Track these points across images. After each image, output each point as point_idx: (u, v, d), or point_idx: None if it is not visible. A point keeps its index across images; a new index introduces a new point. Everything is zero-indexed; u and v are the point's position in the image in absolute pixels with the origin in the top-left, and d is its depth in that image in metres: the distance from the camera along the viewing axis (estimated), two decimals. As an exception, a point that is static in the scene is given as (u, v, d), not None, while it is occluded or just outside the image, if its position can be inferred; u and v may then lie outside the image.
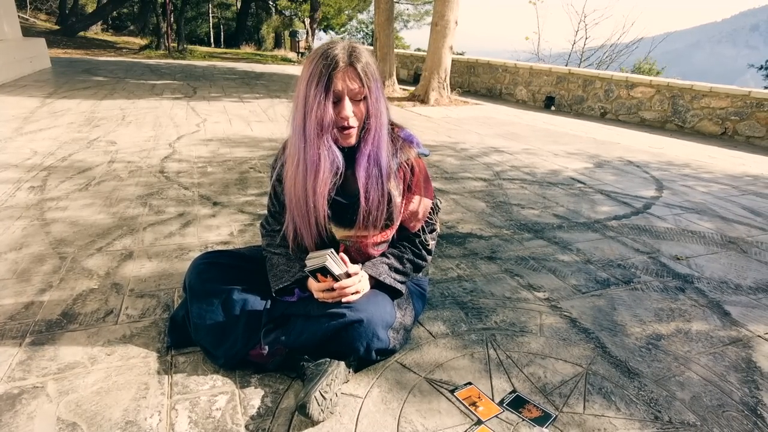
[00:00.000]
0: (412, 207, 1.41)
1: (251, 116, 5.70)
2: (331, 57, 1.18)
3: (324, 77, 1.18)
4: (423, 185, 1.42)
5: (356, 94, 1.22)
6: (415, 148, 1.40)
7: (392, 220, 1.38)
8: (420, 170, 1.40)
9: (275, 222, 1.47)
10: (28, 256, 2.01)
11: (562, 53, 14.46)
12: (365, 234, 1.36)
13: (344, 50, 1.20)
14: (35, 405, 1.22)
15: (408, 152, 1.37)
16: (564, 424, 1.24)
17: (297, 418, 1.21)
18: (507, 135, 5.44)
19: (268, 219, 1.50)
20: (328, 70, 1.18)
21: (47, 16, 23.65)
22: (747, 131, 6.01)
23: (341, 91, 1.20)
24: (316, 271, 1.26)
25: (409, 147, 1.38)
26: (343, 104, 1.21)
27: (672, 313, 1.82)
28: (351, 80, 1.20)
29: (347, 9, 21.30)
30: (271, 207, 1.48)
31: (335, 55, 1.18)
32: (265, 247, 1.49)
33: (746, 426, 1.27)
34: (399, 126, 1.40)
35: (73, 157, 3.54)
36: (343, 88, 1.20)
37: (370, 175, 1.29)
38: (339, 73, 1.18)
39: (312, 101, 1.19)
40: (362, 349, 1.31)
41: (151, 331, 1.54)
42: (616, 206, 3.07)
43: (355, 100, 1.23)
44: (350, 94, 1.21)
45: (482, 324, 1.67)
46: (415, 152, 1.39)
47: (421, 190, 1.41)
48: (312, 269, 1.25)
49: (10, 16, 9.08)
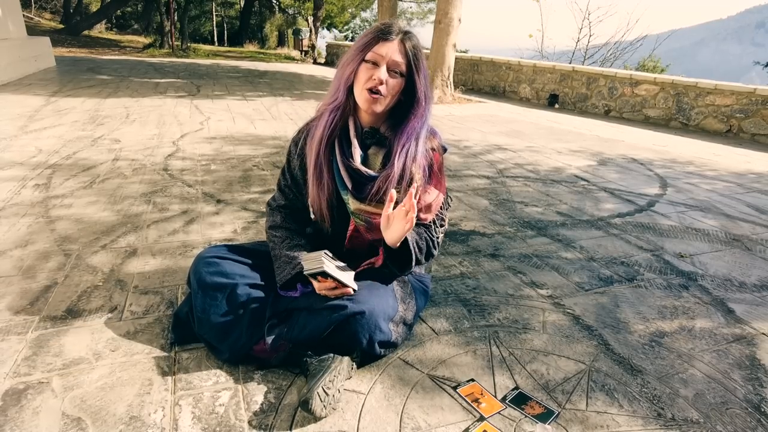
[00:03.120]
0: (428, 198, 1.43)
1: (255, 114, 5.71)
2: (386, 27, 1.28)
3: (370, 39, 1.27)
4: (440, 178, 1.45)
5: (396, 65, 1.28)
6: (438, 140, 1.45)
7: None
8: (439, 163, 1.45)
9: (282, 197, 1.52)
10: (34, 253, 2.02)
11: (566, 51, 14.40)
12: (377, 211, 1.37)
13: (399, 27, 1.29)
14: (40, 400, 1.22)
15: (433, 141, 1.43)
16: (567, 421, 1.24)
17: (300, 413, 1.21)
18: (510, 133, 5.42)
19: (276, 195, 1.55)
20: (378, 33, 1.27)
21: (51, 15, 23.74)
22: (752, 129, 5.97)
23: (382, 57, 1.26)
24: (317, 275, 1.28)
25: (434, 137, 1.44)
26: (380, 68, 1.27)
27: (675, 311, 1.81)
28: (395, 51, 1.27)
29: (350, 7, 21.30)
30: (281, 180, 1.53)
31: (390, 26, 1.28)
32: (267, 228, 1.52)
33: (750, 423, 1.26)
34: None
35: (78, 155, 3.55)
36: (385, 54, 1.26)
37: (406, 144, 1.34)
38: (388, 42, 1.26)
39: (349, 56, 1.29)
40: (365, 341, 1.31)
41: (155, 328, 1.55)
42: (619, 204, 3.06)
43: (393, 71, 1.28)
44: (390, 63, 1.27)
45: (485, 321, 1.67)
46: (438, 144, 1.44)
47: (437, 183, 1.44)
48: (311, 273, 1.27)
49: (14, 15, 9.12)
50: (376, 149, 1.39)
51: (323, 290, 1.33)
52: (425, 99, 1.33)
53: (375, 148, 1.40)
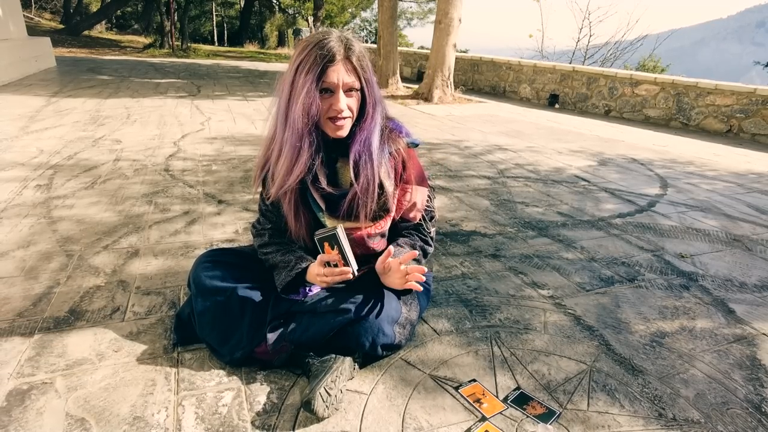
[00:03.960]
0: (410, 198, 1.42)
1: (255, 115, 5.71)
2: (327, 48, 1.19)
3: (317, 67, 1.18)
4: (417, 175, 1.43)
5: (350, 85, 1.23)
6: (404, 138, 1.40)
7: (386, 210, 1.39)
8: (412, 160, 1.42)
9: (266, 221, 1.48)
10: (36, 254, 2.03)
11: (566, 51, 14.40)
12: (358, 225, 1.37)
13: (340, 42, 1.21)
14: (44, 400, 1.23)
15: (397, 142, 1.38)
16: (568, 421, 1.24)
17: (302, 414, 1.22)
18: (511, 133, 5.43)
19: (260, 219, 1.51)
20: (322, 60, 1.18)
21: (51, 15, 23.74)
22: (752, 129, 5.97)
23: (336, 84, 1.21)
24: (325, 239, 1.26)
25: (397, 137, 1.39)
26: (337, 96, 1.22)
27: (676, 311, 1.82)
28: (347, 73, 1.22)
29: (350, 7, 21.30)
30: (261, 206, 1.49)
31: (331, 47, 1.19)
32: (257, 248, 1.49)
33: (750, 423, 1.27)
34: (389, 118, 1.41)
35: (79, 156, 3.56)
36: (338, 81, 1.21)
37: (361, 157, 1.30)
38: (334, 65, 1.20)
39: (300, 89, 1.20)
40: (368, 345, 1.32)
41: (158, 329, 1.55)
42: (620, 204, 3.07)
43: (349, 92, 1.24)
44: (344, 87, 1.23)
45: (486, 321, 1.68)
46: (405, 142, 1.40)
47: (416, 180, 1.42)
48: (322, 236, 1.26)
49: (15, 16, 9.12)
50: (343, 161, 1.34)
51: (323, 272, 1.28)
52: (373, 107, 1.29)
53: (342, 159, 1.35)
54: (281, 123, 1.28)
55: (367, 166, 1.30)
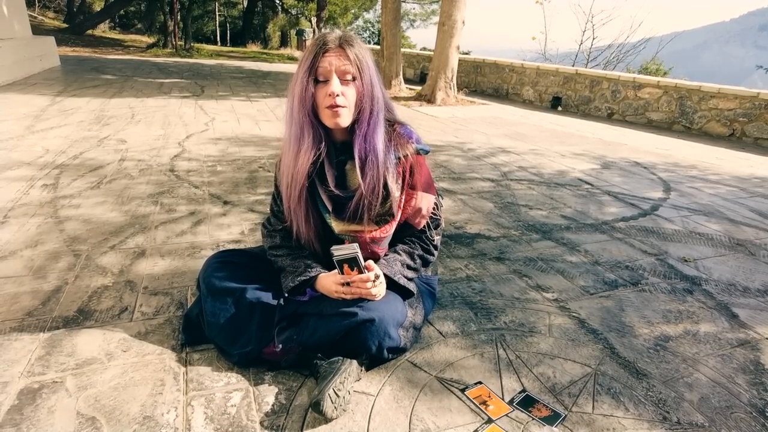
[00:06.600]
0: (416, 204, 1.42)
1: (259, 115, 5.73)
2: (322, 41, 1.25)
3: (311, 55, 1.24)
4: (425, 182, 1.43)
5: (345, 73, 1.24)
6: (414, 144, 1.40)
7: (391, 215, 1.39)
8: (421, 167, 1.41)
9: (277, 221, 1.49)
10: (44, 253, 2.04)
11: (569, 53, 14.41)
12: (361, 228, 1.37)
13: (336, 35, 1.26)
14: (55, 399, 1.24)
15: (406, 148, 1.38)
16: (573, 424, 1.25)
17: (311, 415, 1.23)
18: (514, 135, 5.44)
19: (270, 219, 1.53)
20: (316, 48, 1.24)
21: (55, 14, 23.79)
22: (755, 133, 5.98)
23: (328, 69, 1.23)
24: (345, 261, 1.27)
25: (407, 142, 1.38)
26: (331, 81, 1.24)
27: (680, 315, 1.83)
28: (339, 59, 1.24)
29: (353, 8, 21.32)
30: (273, 206, 1.51)
31: (326, 39, 1.25)
32: (267, 249, 1.50)
33: (754, 428, 1.28)
34: (400, 123, 1.41)
35: (85, 156, 3.58)
36: (330, 66, 1.23)
37: (367, 156, 1.30)
38: (327, 53, 1.24)
39: (296, 80, 1.27)
40: (374, 348, 1.33)
41: (166, 329, 1.56)
42: (623, 207, 3.08)
43: (345, 80, 1.25)
44: (338, 73, 1.24)
45: (491, 324, 1.69)
46: (414, 148, 1.39)
47: (423, 187, 1.42)
48: (342, 258, 1.26)
49: (20, 15, 9.15)
50: (352, 164, 1.34)
51: (340, 288, 1.31)
52: (371, 99, 1.28)
53: (351, 162, 1.34)
54: (288, 121, 1.32)
55: (374, 166, 1.31)
